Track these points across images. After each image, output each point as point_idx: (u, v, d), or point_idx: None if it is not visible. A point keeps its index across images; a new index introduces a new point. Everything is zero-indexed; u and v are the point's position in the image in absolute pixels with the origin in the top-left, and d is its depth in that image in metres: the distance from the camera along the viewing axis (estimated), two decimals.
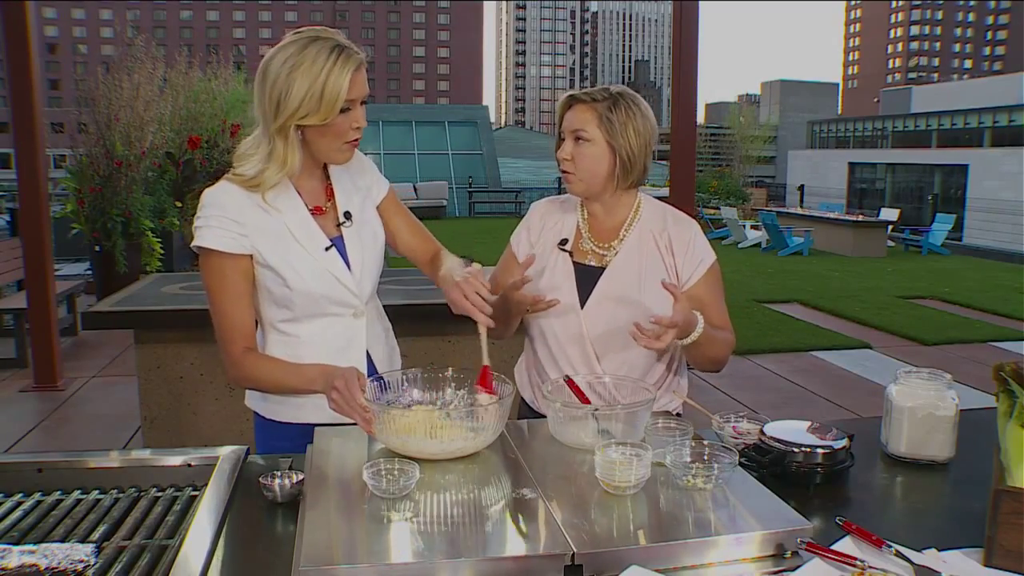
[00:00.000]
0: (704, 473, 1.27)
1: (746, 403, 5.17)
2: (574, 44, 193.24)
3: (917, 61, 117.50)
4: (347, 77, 1.54)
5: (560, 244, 1.85)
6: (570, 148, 1.77)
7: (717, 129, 65.01)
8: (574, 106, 1.78)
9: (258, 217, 1.63)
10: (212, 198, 1.64)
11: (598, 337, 1.78)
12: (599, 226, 1.86)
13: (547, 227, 1.90)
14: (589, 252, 1.84)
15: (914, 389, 1.59)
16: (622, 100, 1.76)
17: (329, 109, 1.55)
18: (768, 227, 14.66)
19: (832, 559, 1.14)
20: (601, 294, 1.79)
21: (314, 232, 1.68)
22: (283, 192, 1.66)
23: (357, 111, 1.61)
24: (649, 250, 1.81)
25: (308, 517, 1.18)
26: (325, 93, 1.53)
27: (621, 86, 1.82)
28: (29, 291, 5.54)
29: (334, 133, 1.60)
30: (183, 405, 3.51)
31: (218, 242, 1.61)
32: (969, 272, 12.23)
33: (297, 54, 1.54)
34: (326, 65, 1.53)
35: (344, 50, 1.55)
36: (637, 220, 1.83)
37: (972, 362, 6.30)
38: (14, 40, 5.20)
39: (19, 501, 1.44)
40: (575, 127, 1.76)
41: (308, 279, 1.65)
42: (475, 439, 1.41)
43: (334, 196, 1.74)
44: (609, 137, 1.74)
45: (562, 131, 1.81)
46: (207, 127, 9.03)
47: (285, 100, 1.55)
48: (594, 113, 1.75)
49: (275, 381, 1.66)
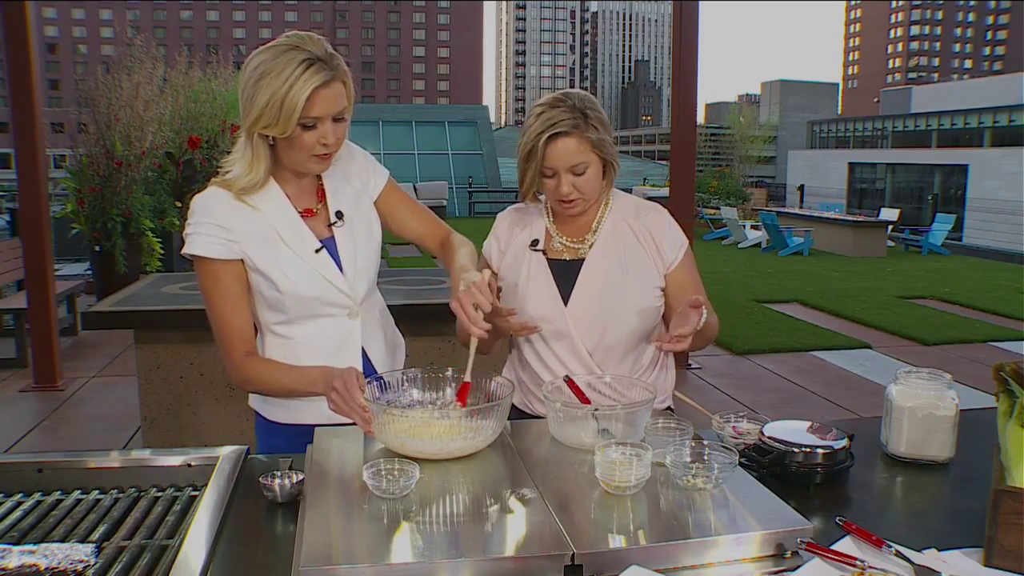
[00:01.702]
0: (704, 473, 1.27)
1: (746, 403, 5.17)
2: (574, 44, 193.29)
3: (917, 61, 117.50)
4: (306, 92, 1.48)
5: (532, 245, 1.84)
6: (570, 183, 1.70)
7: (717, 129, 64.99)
8: (559, 140, 1.67)
9: (246, 222, 1.62)
10: (200, 204, 1.63)
11: (585, 330, 1.77)
12: (569, 223, 1.84)
13: (515, 233, 1.88)
14: (562, 248, 1.83)
15: (914, 389, 1.59)
16: (589, 110, 1.70)
17: (287, 122, 1.50)
18: (768, 227, 14.66)
19: (832, 559, 1.14)
20: (583, 286, 1.77)
21: (303, 234, 1.67)
22: (270, 195, 1.65)
23: (325, 128, 1.55)
24: (626, 239, 1.80)
25: (308, 517, 1.18)
26: (284, 106, 1.49)
27: (571, 91, 1.74)
28: (29, 291, 5.54)
29: (299, 147, 1.57)
30: (183, 405, 3.51)
31: (208, 249, 1.60)
32: (969, 272, 12.23)
33: (269, 61, 1.50)
34: (291, 77, 1.48)
35: (315, 64, 1.49)
36: (609, 211, 1.83)
37: (972, 362, 6.30)
38: (14, 40, 5.20)
39: (19, 501, 1.44)
40: (573, 163, 1.69)
41: (298, 282, 1.64)
42: (475, 439, 1.41)
43: (326, 197, 1.73)
44: (600, 153, 1.72)
45: (548, 168, 1.70)
46: (207, 127, 9.03)
47: (249, 107, 1.53)
48: (584, 143, 1.69)
49: (277, 384, 1.66)
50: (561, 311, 1.78)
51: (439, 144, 24.37)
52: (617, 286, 1.76)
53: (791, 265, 12.65)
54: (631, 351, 1.80)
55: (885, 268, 12.48)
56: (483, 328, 1.51)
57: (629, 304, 1.76)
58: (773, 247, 14.61)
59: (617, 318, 1.76)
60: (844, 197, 30.60)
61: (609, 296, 1.76)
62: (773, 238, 14.58)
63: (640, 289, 1.77)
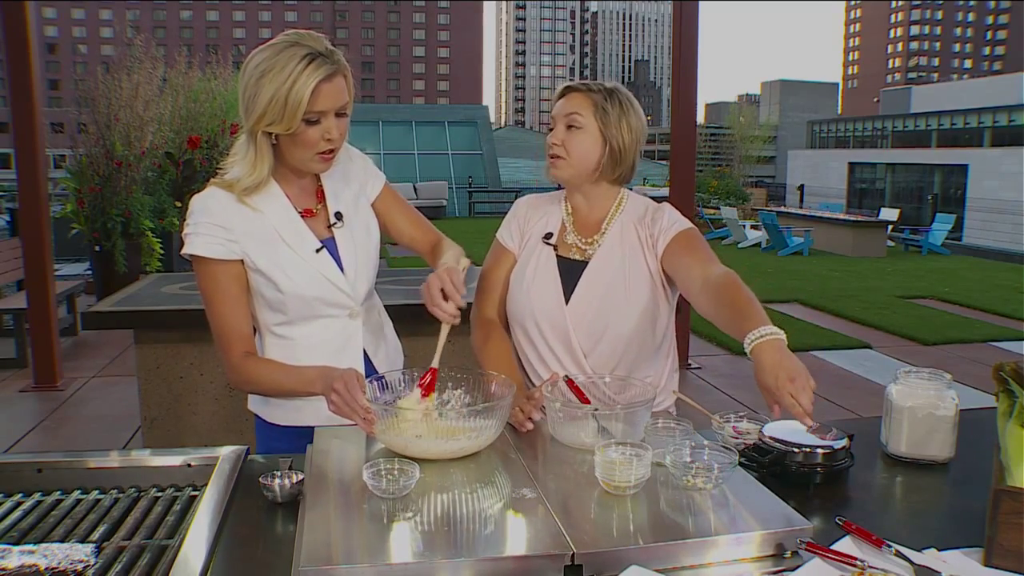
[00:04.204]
0: (704, 473, 1.27)
1: (746, 403, 5.16)
2: (574, 44, 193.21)
3: (917, 61, 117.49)
4: (311, 86, 1.49)
5: (545, 238, 1.85)
6: (562, 133, 1.77)
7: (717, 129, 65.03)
8: (569, 94, 1.78)
9: (246, 222, 1.62)
10: (200, 204, 1.63)
11: (583, 332, 1.77)
12: (582, 220, 1.85)
13: (532, 221, 1.90)
14: (573, 246, 1.83)
15: (914, 389, 1.59)
16: (618, 94, 1.77)
17: (291, 118, 1.51)
18: (768, 227, 14.66)
19: (832, 559, 1.14)
20: (584, 289, 1.78)
21: (303, 234, 1.67)
22: (271, 195, 1.65)
23: (329, 123, 1.56)
24: (631, 242, 1.80)
25: (308, 517, 1.18)
26: (288, 101, 1.49)
27: (616, 83, 1.82)
28: (29, 291, 5.54)
29: (303, 144, 1.57)
30: (183, 405, 3.51)
31: (207, 249, 1.60)
32: (969, 272, 12.23)
33: (270, 59, 1.51)
34: (293, 72, 1.48)
35: (317, 58, 1.50)
36: (619, 213, 1.83)
37: (972, 362, 6.30)
38: (14, 40, 5.20)
39: (19, 501, 1.44)
40: (569, 111, 1.75)
41: (299, 282, 1.64)
42: (475, 439, 1.41)
43: (325, 198, 1.73)
44: (603, 127, 1.74)
45: (554, 117, 1.79)
46: (207, 127, 9.04)
47: (252, 105, 1.53)
48: (590, 101, 1.75)
49: (275, 384, 1.65)
50: (562, 309, 1.78)
51: (439, 144, 24.35)
52: (617, 291, 1.76)
53: (791, 265, 12.65)
54: (629, 354, 1.79)
55: (885, 268, 12.48)
56: (450, 313, 1.56)
57: (628, 309, 1.75)
58: (773, 247, 14.61)
59: (615, 322, 1.76)
60: (844, 197, 30.61)
61: (608, 301, 1.76)
62: (773, 238, 14.58)
63: (641, 295, 1.76)
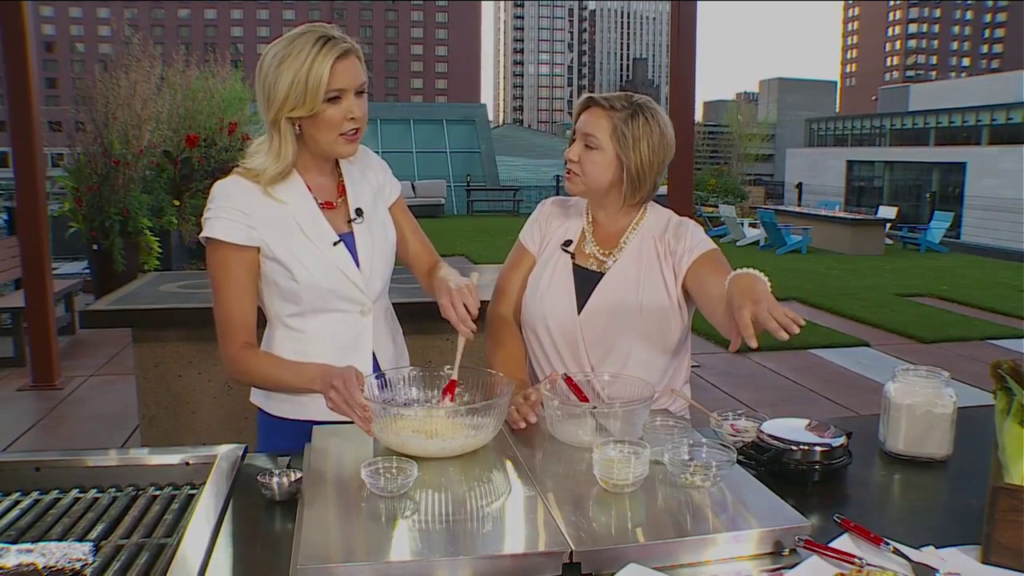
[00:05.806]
0: (702, 471, 1.27)
1: (744, 401, 5.17)
2: (572, 42, 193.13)
3: (915, 59, 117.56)
4: (328, 64, 1.53)
5: (564, 245, 1.86)
6: (578, 150, 1.75)
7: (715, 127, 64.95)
8: (591, 108, 1.75)
9: (267, 210, 1.63)
10: (221, 190, 1.64)
11: (593, 344, 1.77)
12: (602, 231, 1.85)
13: (553, 226, 1.90)
14: (591, 256, 1.83)
15: (912, 387, 1.59)
16: (641, 114, 1.71)
17: (313, 98, 1.54)
18: (766, 225, 14.66)
19: (830, 557, 1.14)
20: (597, 302, 1.78)
21: (323, 226, 1.68)
22: (292, 186, 1.67)
23: (349, 101, 1.59)
24: (649, 257, 1.79)
25: (306, 515, 1.18)
26: (308, 82, 1.53)
27: (646, 97, 1.76)
28: (27, 290, 5.53)
29: (327, 125, 1.59)
30: (181, 404, 3.51)
31: (226, 233, 1.61)
32: (967, 270, 12.24)
33: (286, 47, 1.56)
34: (311, 54, 1.53)
35: (329, 40, 1.55)
36: (640, 227, 1.82)
37: (970, 360, 6.31)
38: (11, 38, 5.19)
39: (17, 500, 1.44)
40: (587, 131, 1.74)
41: (315, 273, 1.65)
42: (474, 438, 1.41)
43: (346, 192, 1.74)
44: (619, 149, 1.71)
45: (575, 129, 1.78)
46: (205, 125, 9.01)
47: (273, 93, 1.56)
48: (609, 121, 1.72)
49: (272, 378, 1.65)
50: (574, 318, 1.78)
51: (437, 142, 24.34)
52: (630, 306, 1.75)
53: (789, 263, 12.64)
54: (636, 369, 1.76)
55: (883, 266, 12.49)
56: (471, 328, 1.58)
57: (640, 324, 1.75)
58: (771, 245, 14.61)
59: (625, 336, 1.75)
60: (842, 195, 30.61)
61: (619, 315, 1.76)
62: (771, 236, 14.58)
63: (653, 310, 1.75)
